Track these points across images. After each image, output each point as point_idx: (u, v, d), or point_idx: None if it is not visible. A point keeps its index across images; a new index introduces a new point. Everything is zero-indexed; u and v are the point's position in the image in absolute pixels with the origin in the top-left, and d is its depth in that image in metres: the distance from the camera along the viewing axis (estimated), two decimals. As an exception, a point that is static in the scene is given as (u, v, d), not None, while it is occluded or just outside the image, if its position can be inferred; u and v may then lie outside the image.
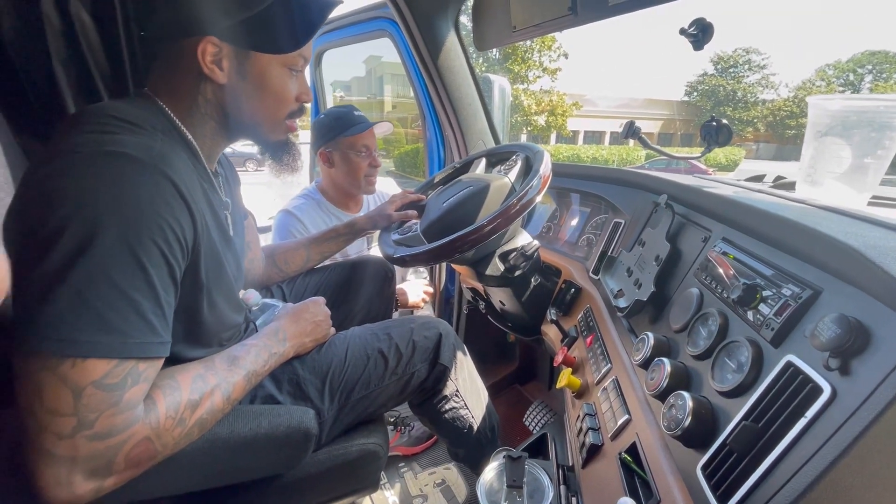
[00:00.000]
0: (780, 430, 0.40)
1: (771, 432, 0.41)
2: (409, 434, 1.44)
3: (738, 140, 29.64)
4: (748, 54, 29.49)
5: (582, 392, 0.83)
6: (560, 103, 20.59)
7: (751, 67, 29.57)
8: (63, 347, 0.46)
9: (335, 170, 1.41)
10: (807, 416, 0.38)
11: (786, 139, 29.55)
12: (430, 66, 1.47)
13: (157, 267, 0.52)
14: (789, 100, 29.24)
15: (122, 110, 0.58)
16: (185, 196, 0.55)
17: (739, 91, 29.20)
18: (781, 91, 30.66)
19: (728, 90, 29.14)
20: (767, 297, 0.51)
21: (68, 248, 0.47)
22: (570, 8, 1.03)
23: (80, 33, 0.92)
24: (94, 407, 0.47)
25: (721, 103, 29.13)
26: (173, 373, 0.58)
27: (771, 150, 30.98)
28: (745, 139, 30.52)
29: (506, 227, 0.93)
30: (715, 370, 0.53)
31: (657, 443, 0.55)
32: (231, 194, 0.79)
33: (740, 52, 29.56)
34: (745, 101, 29.41)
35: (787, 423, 0.40)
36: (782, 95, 30.18)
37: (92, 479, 0.49)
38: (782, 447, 0.39)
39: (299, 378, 0.79)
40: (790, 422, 0.39)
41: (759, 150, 31.20)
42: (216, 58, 0.61)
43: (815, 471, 0.36)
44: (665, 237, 0.80)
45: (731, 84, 29.21)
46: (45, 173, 0.50)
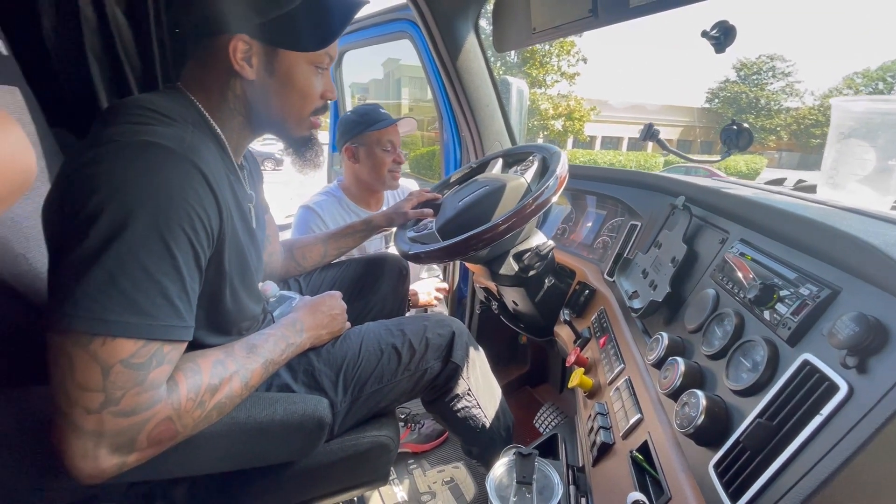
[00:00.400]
0: (794, 427, 0.40)
1: (785, 430, 0.40)
2: (419, 431, 1.45)
3: (760, 148, 29.00)
4: (772, 61, 28.89)
5: (594, 392, 0.83)
6: (578, 108, 20.46)
7: (775, 75, 28.97)
8: (94, 326, 0.48)
9: (360, 165, 1.44)
10: (822, 413, 0.38)
11: (810, 148, 28.86)
12: (450, 67, 1.49)
13: (184, 253, 0.54)
14: (814, 108, 28.55)
15: (156, 103, 0.60)
16: (212, 186, 0.57)
17: (763, 98, 28.62)
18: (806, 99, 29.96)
19: (751, 97, 28.60)
20: (785, 296, 0.50)
21: (103, 231, 0.49)
22: (591, 10, 1.04)
23: (115, 31, 0.96)
24: (121, 384, 0.49)
25: (743, 111, 28.58)
26: (195, 357, 0.60)
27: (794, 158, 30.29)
28: (768, 147, 29.88)
29: (521, 227, 0.94)
30: (730, 369, 0.53)
31: (669, 441, 0.55)
32: (254, 188, 0.81)
33: (764, 59, 29.00)
34: (768, 109, 28.80)
35: (802, 421, 0.40)
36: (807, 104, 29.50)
37: (116, 454, 0.51)
38: (797, 445, 0.39)
39: (314, 369, 0.80)
40: (805, 420, 0.39)
41: (781, 159, 30.52)
42: (246, 55, 0.63)
43: (829, 468, 0.36)
44: (682, 239, 0.80)
45: (755, 91, 28.66)
46: (85, 160, 0.52)
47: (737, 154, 0.98)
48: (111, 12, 0.95)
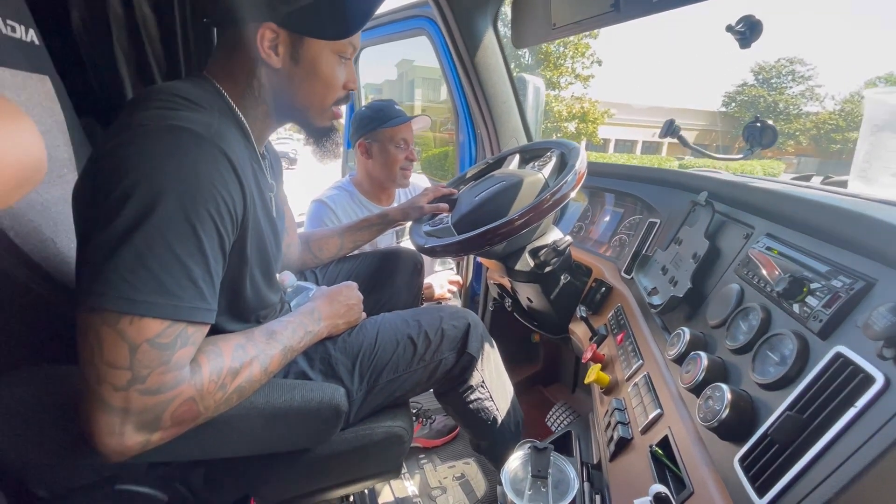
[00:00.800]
0: (826, 420, 0.39)
1: (816, 423, 0.39)
2: (431, 426, 1.45)
3: (778, 153, 28.43)
4: (792, 64, 28.34)
5: (611, 388, 0.82)
6: (592, 110, 20.30)
7: (794, 78, 28.40)
8: (122, 305, 0.49)
9: (372, 161, 1.44)
10: (857, 405, 0.37)
11: (829, 154, 28.24)
12: (467, 62, 1.49)
13: (209, 236, 0.55)
14: (835, 113, 27.94)
15: (185, 90, 0.61)
16: (238, 172, 0.58)
17: (781, 103, 28.07)
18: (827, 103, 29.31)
19: (769, 101, 28.07)
20: (816, 289, 0.49)
21: (133, 212, 0.50)
22: (613, 4, 1.03)
23: (140, 22, 0.98)
24: (147, 363, 0.50)
25: (761, 114, 28.06)
26: (216, 340, 0.61)
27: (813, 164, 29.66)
28: (786, 153, 29.30)
29: (537, 222, 0.93)
30: (756, 363, 0.52)
31: (691, 436, 0.54)
32: (275, 178, 0.82)
33: (783, 63, 28.47)
34: (786, 114, 28.24)
35: (834, 414, 0.39)
36: (828, 108, 28.88)
37: (141, 432, 0.51)
38: (828, 438, 0.38)
39: (331, 357, 0.81)
40: (838, 412, 0.38)
41: (800, 165, 29.91)
42: (273, 43, 0.64)
43: (863, 462, 0.35)
44: (704, 235, 0.78)
45: (773, 95, 28.13)
46: (115, 144, 0.53)
47: (760, 151, 0.96)
48: (137, 3, 0.97)
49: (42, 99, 0.78)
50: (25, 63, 0.75)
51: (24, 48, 0.75)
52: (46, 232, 0.69)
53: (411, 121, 1.43)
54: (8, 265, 0.58)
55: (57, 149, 0.79)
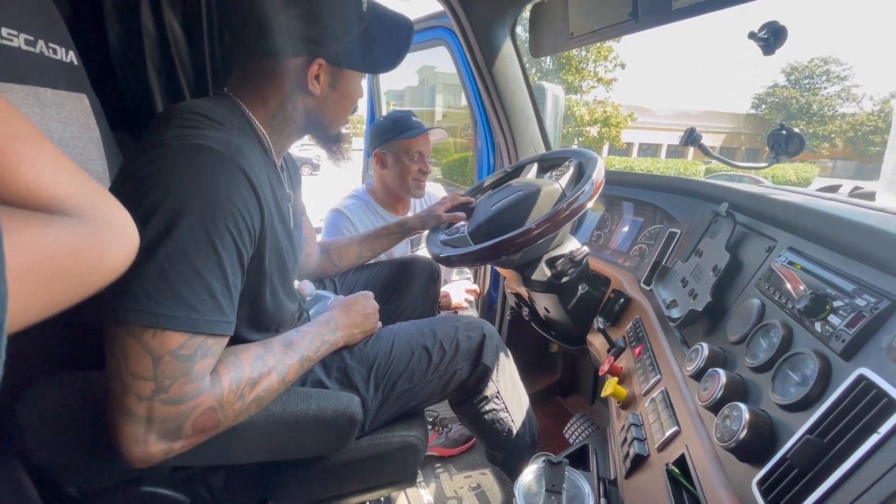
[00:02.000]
0: (847, 446, 0.37)
1: (837, 449, 0.38)
2: (447, 435, 1.45)
3: (812, 156, 27.34)
4: (826, 64, 27.29)
5: (628, 402, 0.80)
6: (615, 114, 20.02)
7: (829, 79, 27.33)
8: (146, 318, 0.51)
9: (387, 171, 1.47)
10: (879, 432, 0.35)
11: (868, 156, 27.02)
12: (485, 72, 1.50)
13: (228, 251, 0.57)
14: (874, 114, 26.73)
15: (206, 108, 0.64)
16: (255, 188, 0.60)
17: (815, 104, 27.02)
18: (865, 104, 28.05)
19: (802, 103, 27.07)
20: (838, 307, 0.47)
21: (156, 229, 0.52)
22: (631, 14, 1.02)
23: (172, 41, 1.03)
24: (170, 374, 0.52)
25: (793, 116, 27.05)
26: (236, 351, 0.63)
27: (850, 167, 28.43)
28: (821, 156, 28.15)
29: (554, 233, 0.93)
30: (776, 383, 0.50)
31: (708, 455, 0.53)
32: (293, 189, 0.84)
33: (817, 63, 27.45)
34: (821, 115, 27.16)
35: (855, 440, 0.37)
36: (865, 109, 27.65)
37: (163, 440, 0.53)
38: (849, 465, 0.36)
39: (347, 367, 0.82)
40: (859, 438, 0.37)
41: (835, 168, 28.71)
42: (317, 74, 0.68)
43: (885, 492, 0.33)
44: (724, 247, 0.76)
45: (806, 96, 27.11)
46: (141, 162, 0.56)
47: (785, 161, 0.93)
48: (169, 24, 1.02)
49: (80, 116, 0.82)
50: (65, 83, 0.79)
51: (64, 69, 0.80)
52: (81, 243, 0.73)
53: (427, 133, 1.44)
54: (45, 275, 0.61)
55: (92, 162, 0.83)
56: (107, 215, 0.36)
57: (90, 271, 0.34)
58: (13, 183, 0.30)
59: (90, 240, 0.33)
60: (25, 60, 0.70)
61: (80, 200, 0.34)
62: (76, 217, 0.33)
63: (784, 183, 19.70)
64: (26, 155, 0.31)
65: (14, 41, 0.68)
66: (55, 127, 0.74)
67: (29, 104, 0.69)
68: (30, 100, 0.70)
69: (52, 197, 0.32)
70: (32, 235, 0.29)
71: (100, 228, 0.34)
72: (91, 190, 0.36)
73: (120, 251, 0.37)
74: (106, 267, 0.35)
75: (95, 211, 0.35)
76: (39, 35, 0.73)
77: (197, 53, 1.07)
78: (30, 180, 0.30)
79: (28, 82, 0.70)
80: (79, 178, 0.35)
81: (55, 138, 0.74)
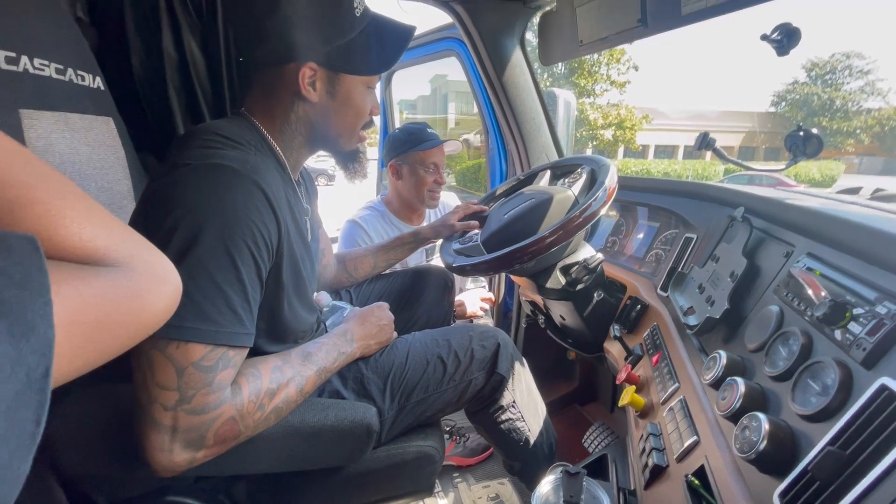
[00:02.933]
0: (870, 458, 0.37)
1: (860, 461, 0.37)
2: (465, 445, 1.44)
3: (837, 153, 26.52)
4: (848, 59, 26.52)
5: (646, 412, 0.79)
6: (629, 116, 19.81)
7: (852, 73, 26.54)
8: (170, 331, 0.53)
9: (402, 182, 1.49)
10: (903, 444, 0.35)
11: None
12: (496, 82, 1.51)
13: (246, 266, 0.59)
14: (901, 107, 25.87)
15: (224, 128, 0.66)
16: (272, 203, 0.62)
17: (838, 99, 26.22)
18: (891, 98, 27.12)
19: (824, 99, 26.32)
20: (858, 315, 0.46)
21: (178, 245, 0.54)
22: (640, 20, 1.02)
23: (191, 64, 1.07)
24: (193, 385, 0.54)
25: (815, 113, 26.33)
26: (255, 363, 0.65)
27: (877, 164, 27.49)
28: (846, 152, 27.27)
29: (567, 240, 0.93)
30: (796, 392, 0.49)
31: (728, 467, 0.52)
32: (310, 202, 0.86)
33: (839, 58, 26.71)
34: (844, 111, 26.34)
35: (878, 452, 0.36)
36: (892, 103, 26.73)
37: (187, 449, 0.55)
38: (872, 477, 0.35)
39: (363, 377, 0.83)
40: (882, 450, 0.36)
41: (861, 165, 27.80)
42: (312, 80, 0.69)
43: (912, 505, 0.32)
44: (742, 252, 0.75)
45: (828, 92, 26.35)
46: (164, 182, 0.58)
47: (804, 161, 0.92)
48: (189, 49, 1.06)
49: (106, 138, 0.86)
50: (93, 107, 0.83)
51: (91, 94, 0.84)
52: (108, 260, 0.76)
53: (442, 145, 1.46)
54: (75, 292, 0.64)
55: (118, 182, 0.87)
56: (147, 264, 0.37)
57: (134, 319, 0.34)
58: (56, 237, 0.31)
59: (132, 288, 0.34)
60: (56, 88, 0.74)
61: (121, 250, 0.34)
62: (118, 267, 0.34)
63: (808, 181, 19.13)
64: (68, 211, 0.32)
65: (45, 70, 0.72)
66: (83, 150, 0.78)
67: (59, 129, 0.73)
68: (60, 125, 0.73)
69: (94, 249, 0.33)
70: (76, 287, 0.30)
71: (141, 277, 0.35)
72: (131, 239, 0.37)
73: (163, 298, 0.38)
74: (150, 314, 0.36)
75: (136, 260, 0.36)
76: (69, 64, 0.77)
77: (215, 75, 1.11)
78: (73, 234, 0.32)
79: (58, 108, 0.74)
80: (118, 229, 0.36)
81: (83, 160, 0.77)
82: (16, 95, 0.65)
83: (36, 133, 0.67)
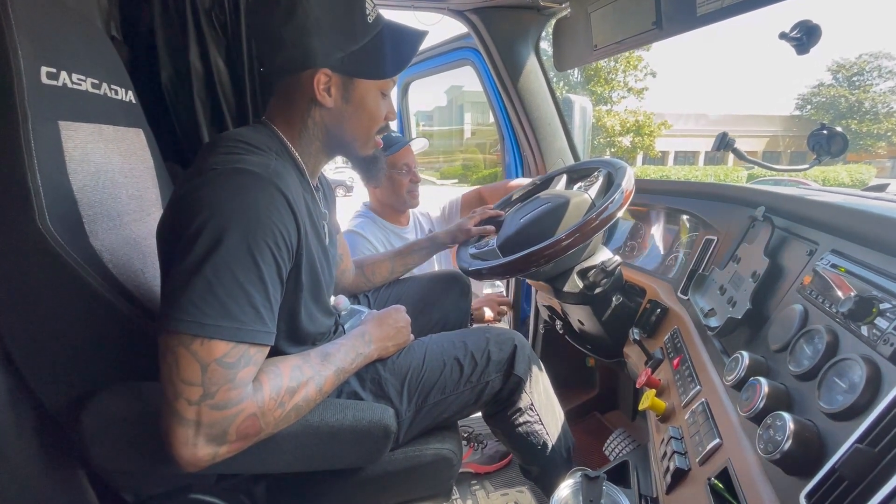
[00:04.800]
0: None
1: (889, 458, 0.36)
2: (483, 452, 1.43)
3: (867, 156, 25.60)
4: (877, 60, 25.68)
5: (667, 416, 0.78)
6: (647, 123, 19.58)
7: (881, 74, 25.68)
8: (194, 328, 0.55)
9: (381, 190, 1.54)
10: (934, 439, 0.33)
11: (931, 154, 25.02)
12: (511, 89, 1.52)
13: (268, 265, 0.60)
14: (935, 109, 24.82)
15: (247, 136, 0.69)
16: (292, 206, 0.64)
17: (867, 101, 25.38)
18: (925, 99, 26.05)
19: (851, 101, 25.49)
20: (885, 310, 0.45)
21: (203, 246, 0.56)
22: (655, 22, 1.02)
23: (217, 77, 1.11)
24: (216, 381, 0.56)
25: (843, 116, 25.48)
26: (276, 362, 0.66)
27: (911, 167, 26.38)
28: (877, 155, 26.30)
29: (584, 243, 0.92)
30: (822, 391, 0.48)
31: (753, 469, 0.51)
32: (328, 207, 0.88)
33: (866, 59, 25.91)
34: (874, 113, 25.45)
35: (909, 448, 0.35)
36: (926, 104, 25.68)
37: (210, 444, 0.57)
38: (904, 475, 0.34)
39: (381, 378, 0.84)
40: (914, 446, 0.35)
41: (895, 168, 26.76)
42: (326, 86, 0.72)
43: (946, 503, 0.31)
44: (763, 252, 0.74)
45: (856, 94, 25.53)
46: (190, 187, 0.61)
47: (829, 162, 0.90)
48: (214, 62, 1.11)
49: (137, 149, 0.90)
50: (125, 120, 0.87)
51: (124, 107, 0.88)
52: (137, 264, 0.79)
53: (409, 145, 1.51)
54: (108, 293, 0.67)
55: (147, 190, 0.90)
56: None
57: None
58: None
59: None
60: (91, 101, 0.79)
61: None
62: None
63: (836, 184, 18.48)
64: None
65: (82, 85, 0.76)
66: (116, 160, 0.82)
67: (94, 140, 0.77)
68: (95, 136, 0.77)
69: None
70: None
71: None
72: None
73: None
74: None
75: None
76: (103, 79, 0.82)
77: (239, 87, 1.15)
78: None
79: (93, 120, 0.78)
80: None
81: (116, 170, 0.81)
82: (55, 108, 0.69)
83: (73, 143, 0.71)
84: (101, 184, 0.76)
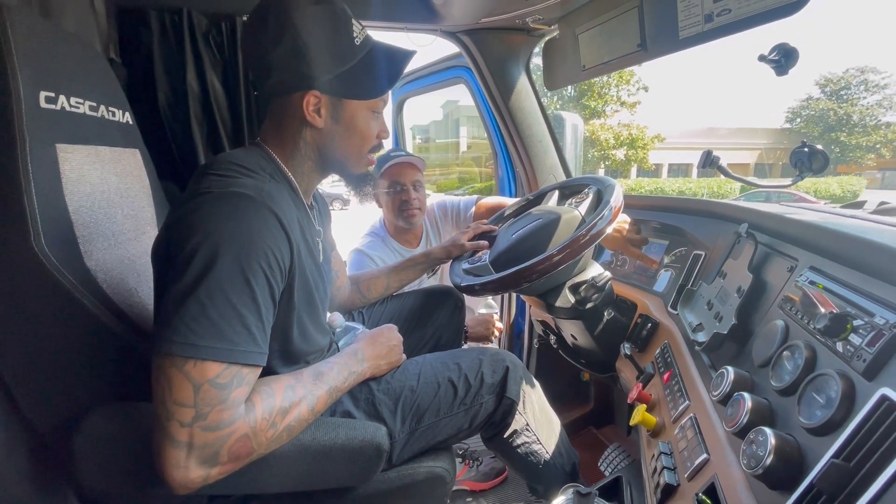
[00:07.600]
0: (873, 469, 0.36)
1: (864, 472, 0.37)
2: (478, 469, 1.42)
3: (858, 168, 25.99)
4: (863, 74, 26.23)
5: (658, 431, 0.78)
6: (640, 136, 19.84)
7: (868, 88, 26.21)
8: (187, 350, 0.55)
9: (383, 209, 1.55)
10: (904, 454, 0.35)
11: (919, 166, 25.39)
12: (502, 107, 1.56)
13: (261, 287, 0.61)
14: (922, 121, 25.26)
15: (241, 158, 0.71)
16: (285, 228, 0.65)
17: (855, 114, 25.83)
18: (912, 111, 26.51)
19: (840, 114, 25.95)
20: (858, 326, 0.47)
21: (197, 268, 0.57)
22: (640, 44, 1.06)
23: (213, 98, 1.13)
24: (209, 402, 0.56)
25: (832, 129, 25.91)
26: (269, 382, 0.67)
27: (901, 178, 26.75)
28: (867, 167, 26.69)
29: (574, 258, 0.94)
30: (802, 406, 0.49)
31: (739, 484, 0.51)
32: (322, 225, 0.89)
33: (853, 73, 26.46)
34: (863, 125, 25.89)
35: (881, 463, 0.36)
36: (913, 116, 26.17)
37: (202, 466, 0.57)
38: (876, 488, 0.35)
39: (374, 398, 0.84)
40: (885, 461, 0.36)
41: (884, 179, 27.13)
42: (316, 107, 0.73)
43: (916, 516, 0.32)
44: (747, 268, 0.76)
45: (845, 107, 26.00)
46: (186, 210, 0.62)
47: (825, 178, 0.92)
48: (211, 84, 1.13)
49: (133, 169, 0.91)
50: (122, 140, 0.89)
51: (120, 128, 0.90)
52: (131, 282, 0.80)
53: (397, 163, 1.47)
54: (102, 314, 0.68)
55: (142, 210, 0.92)
56: None
57: None
58: None
59: None
60: (89, 124, 0.80)
61: None
62: None
63: (828, 197, 18.69)
64: None
65: (80, 108, 0.78)
66: (112, 180, 0.83)
67: (91, 161, 0.78)
68: (91, 157, 0.79)
69: None
70: None
71: None
72: None
73: None
74: None
75: None
76: (101, 101, 0.83)
77: (235, 106, 1.17)
78: None
79: (91, 142, 0.79)
80: None
81: (112, 190, 0.82)
82: (53, 131, 0.70)
83: (70, 166, 0.72)
84: (96, 204, 0.77)
